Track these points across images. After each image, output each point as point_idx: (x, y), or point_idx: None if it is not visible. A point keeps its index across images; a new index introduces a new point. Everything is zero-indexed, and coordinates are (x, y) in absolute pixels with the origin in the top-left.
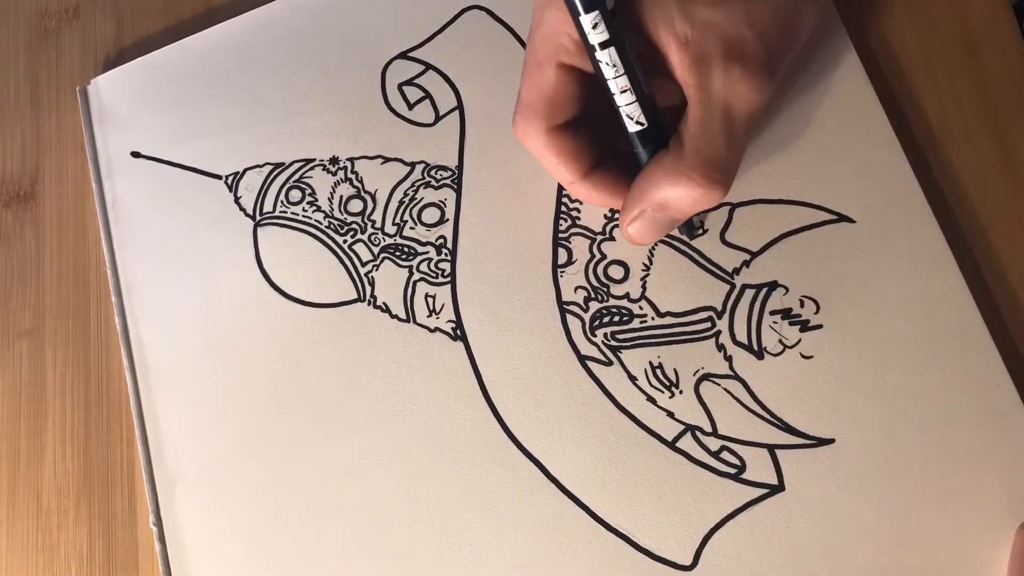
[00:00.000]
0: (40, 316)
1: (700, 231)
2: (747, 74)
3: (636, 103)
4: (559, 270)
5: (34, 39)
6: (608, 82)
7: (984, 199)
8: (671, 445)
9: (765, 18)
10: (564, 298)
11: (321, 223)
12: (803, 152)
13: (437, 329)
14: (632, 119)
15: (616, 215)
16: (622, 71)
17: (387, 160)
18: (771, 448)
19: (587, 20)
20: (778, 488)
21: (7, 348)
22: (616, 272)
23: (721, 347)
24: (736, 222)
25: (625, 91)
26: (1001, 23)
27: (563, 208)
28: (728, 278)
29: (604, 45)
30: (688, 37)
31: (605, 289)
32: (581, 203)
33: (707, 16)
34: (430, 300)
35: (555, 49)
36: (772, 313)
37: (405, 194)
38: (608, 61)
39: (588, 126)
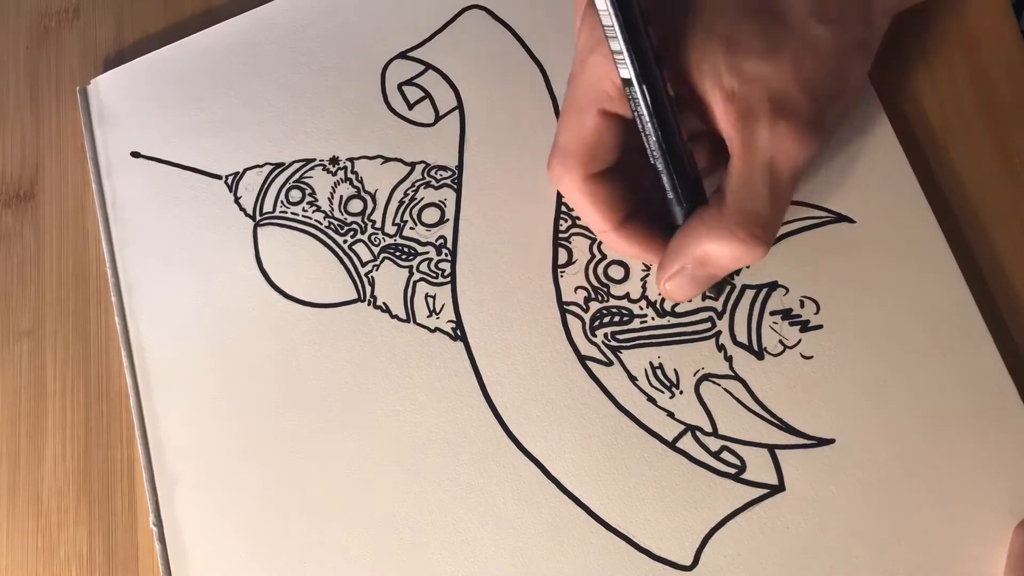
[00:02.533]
0: (40, 316)
1: (729, 287)
2: (793, 130)
3: (681, 157)
4: (559, 270)
5: (34, 39)
6: (649, 139)
7: (984, 199)
8: (671, 445)
9: (813, 74)
10: (564, 298)
11: (321, 223)
12: None
13: (437, 329)
14: (668, 174)
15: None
16: (660, 130)
17: (387, 160)
18: (771, 448)
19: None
20: (778, 488)
21: (7, 348)
22: (616, 272)
23: (721, 347)
24: None
25: (667, 147)
26: (1001, 23)
27: (563, 208)
28: (728, 278)
29: (645, 85)
30: (735, 91)
31: (605, 289)
32: None
33: (755, 70)
34: (430, 300)
35: (598, 96)
36: (772, 313)
37: (405, 194)
38: (647, 112)
39: (624, 175)
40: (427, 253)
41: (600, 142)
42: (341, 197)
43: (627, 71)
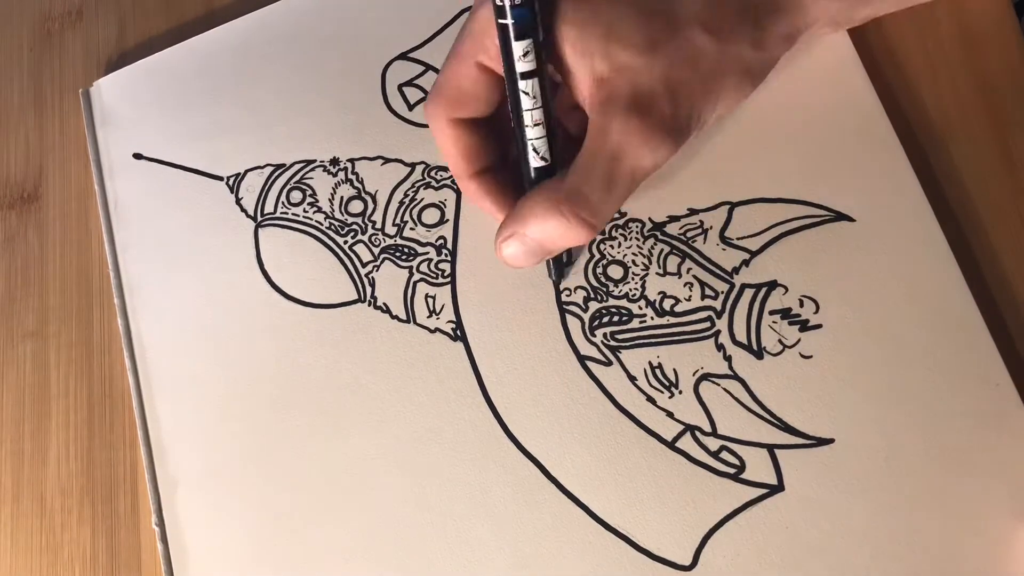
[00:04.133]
0: (44, 318)
1: (564, 275)
2: (645, 129)
3: (544, 138)
4: None
5: (37, 42)
6: (524, 113)
7: (984, 199)
8: (671, 445)
9: (686, 80)
10: (564, 298)
11: (322, 224)
12: (803, 151)
13: (437, 329)
14: (538, 154)
15: (614, 216)
16: (539, 104)
17: (387, 161)
18: (771, 448)
19: (519, 48)
20: (777, 488)
21: (11, 349)
22: (616, 272)
23: (720, 347)
24: (735, 221)
25: (538, 124)
26: (1001, 22)
27: None
28: (727, 277)
29: (528, 75)
30: (604, 77)
31: (605, 289)
32: None
33: (626, 61)
34: (430, 300)
35: (479, 48)
36: (771, 313)
37: (405, 195)
38: (529, 92)
39: (493, 131)
40: (427, 254)
41: (471, 91)
42: (342, 198)
43: (516, 46)
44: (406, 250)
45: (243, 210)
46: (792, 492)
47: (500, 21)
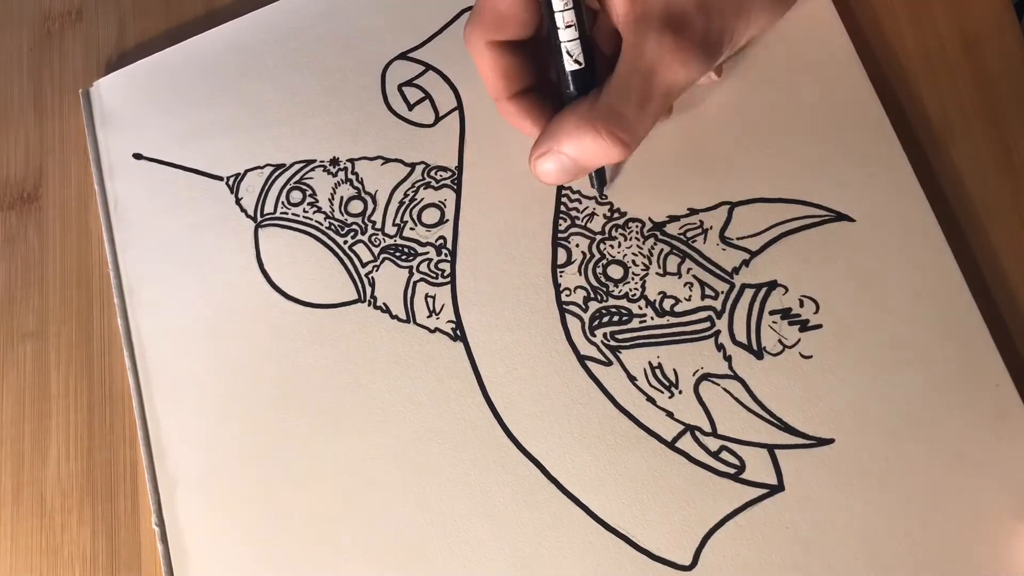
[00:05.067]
0: (44, 318)
1: (604, 193)
2: (679, 46)
3: (577, 40)
4: (559, 270)
5: (37, 42)
6: (555, 14)
7: (984, 199)
8: (670, 445)
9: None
10: (564, 298)
11: (322, 224)
12: (802, 151)
13: (437, 329)
14: (571, 56)
15: (614, 216)
16: (570, 5)
17: (387, 161)
18: (771, 448)
19: None
20: (777, 488)
21: (11, 350)
22: (615, 272)
23: (720, 347)
24: (735, 221)
25: (570, 26)
26: (1001, 22)
27: (563, 208)
28: (727, 277)
29: None
30: None
31: (605, 289)
32: (581, 203)
33: None
34: (430, 300)
35: None
36: (771, 313)
37: (405, 195)
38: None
39: (531, 54)
40: (427, 253)
41: (511, 12)
42: (342, 198)
43: None
44: (406, 250)
45: (243, 210)
46: (792, 492)
47: None
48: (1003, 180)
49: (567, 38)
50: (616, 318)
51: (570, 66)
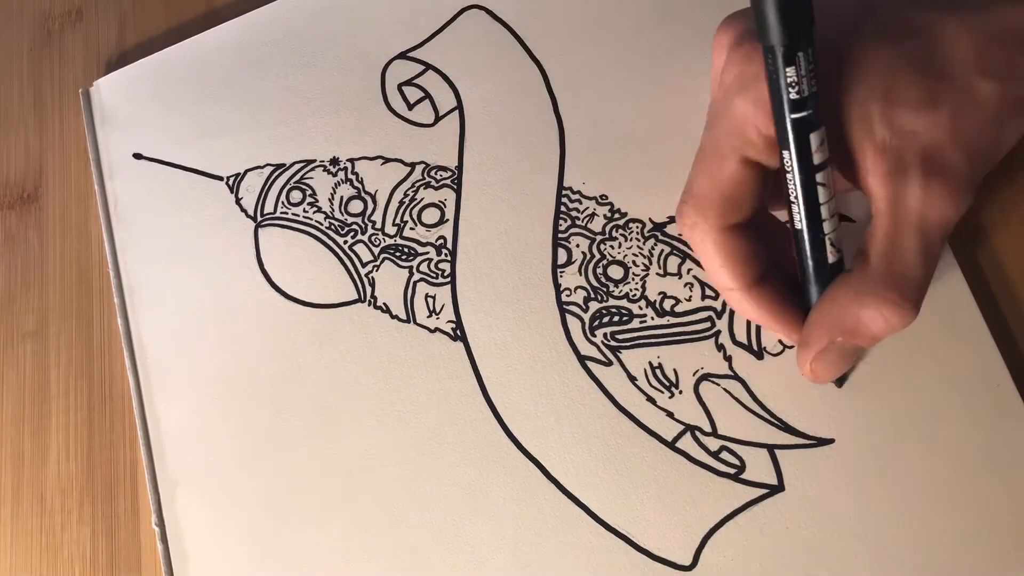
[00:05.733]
0: (44, 318)
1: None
2: (947, 190)
3: (838, 230)
4: (559, 270)
5: (37, 41)
6: (821, 206)
7: (984, 199)
8: (671, 445)
9: (971, 131)
10: (564, 298)
11: (322, 224)
12: None
13: (437, 329)
14: (835, 247)
15: (615, 217)
16: (832, 194)
17: (387, 161)
18: (771, 448)
19: (815, 139)
20: (778, 488)
21: (11, 350)
22: (616, 272)
23: (721, 347)
24: None
25: (834, 216)
26: None
27: (563, 208)
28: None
29: (822, 166)
30: (887, 143)
31: (605, 289)
32: (581, 203)
33: (910, 123)
34: (430, 300)
35: (742, 142)
36: None
37: (405, 194)
38: (826, 183)
39: (756, 231)
40: (427, 253)
41: (740, 192)
42: (341, 198)
43: (814, 136)
44: (406, 250)
45: (243, 210)
46: (792, 492)
47: (794, 116)
48: (1004, 180)
49: (830, 229)
50: (616, 318)
51: (833, 258)
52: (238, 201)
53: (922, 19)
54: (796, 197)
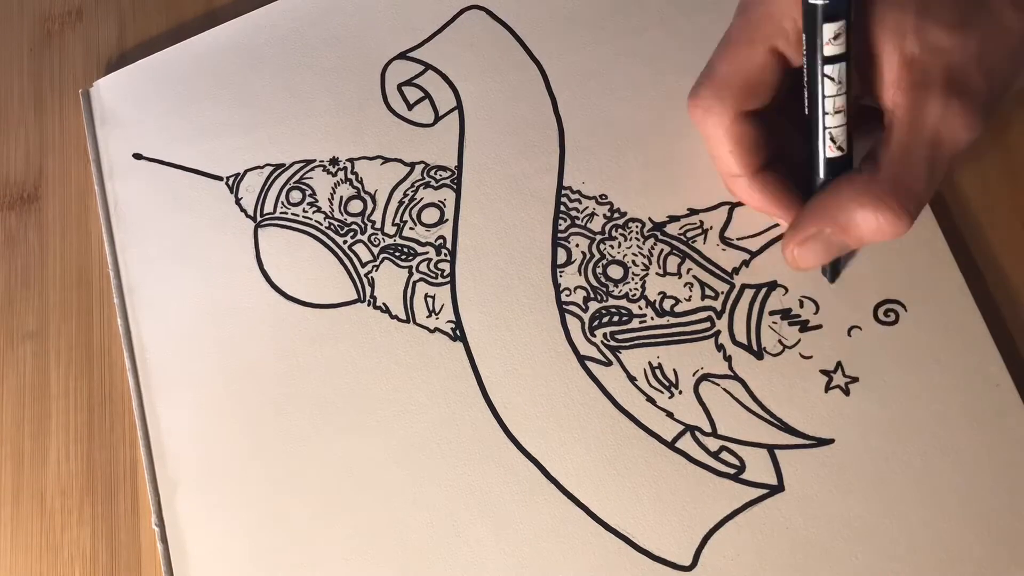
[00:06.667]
0: (44, 318)
1: (842, 268)
2: (965, 110)
3: (844, 127)
4: (558, 270)
5: (37, 42)
6: (825, 99)
7: (984, 199)
8: (670, 445)
9: (997, 58)
10: (563, 298)
11: (321, 224)
12: None
13: (437, 329)
14: (835, 143)
15: (614, 216)
16: (844, 90)
17: (387, 160)
18: (770, 448)
19: (830, 29)
20: (777, 488)
21: (12, 350)
22: (615, 272)
23: (720, 347)
24: (735, 221)
25: (839, 112)
26: None
27: (562, 208)
28: (727, 278)
29: (835, 59)
30: (915, 56)
31: (604, 289)
32: (580, 202)
33: (941, 41)
34: (430, 300)
35: (775, 31)
36: (771, 313)
37: (405, 194)
38: (835, 77)
39: (768, 120)
40: (426, 253)
41: (763, 80)
42: (341, 198)
43: (827, 28)
44: (405, 250)
45: (243, 210)
46: (792, 492)
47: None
48: (1003, 180)
49: (834, 124)
50: (616, 318)
51: (832, 153)
52: (238, 201)
53: None
54: (808, 84)
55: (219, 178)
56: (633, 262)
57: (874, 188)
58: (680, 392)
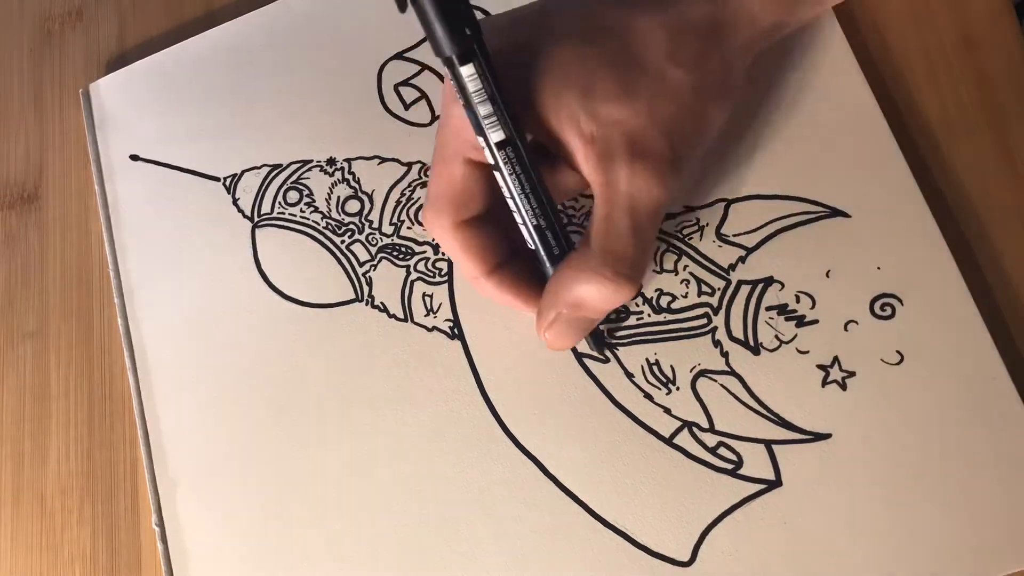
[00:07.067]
0: (44, 318)
1: (607, 346)
2: (651, 170)
3: (541, 212)
4: None
5: (37, 42)
6: (514, 195)
7: (984, 198)
8: (668, 441)
9: (670, 115)
10: None
11: (319, 224)
12: (798, 147)
13: (435, 328)
14: (531, 226)
15: None
16: (521, 171)
17: (384, 160)
18: (768, 443)
19: (467, 77)
20: (775, 483)
21: (12, 350)
22: None
23: (717, 343)
24: (731, 218)
25: (525, 194)
26: (1001, 22)
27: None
28: (724, 274)
29: (503, 145)
30: (594, 134)
31: None
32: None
33: (612, 113)
34: (427, 299)
35: (462, 145)
36: (768, 309)
37: (402, 194)
38: (515, 172)
39: (497, 222)
40: (424, 252)
41: (467, 190)
42: (338, 198)
43: (482, 138)
44: (403, 249)
45: (240, 210)
46: (790, 487)
47: (483, 114)
48: (1003, 180)
49: (528, 208)
50: (613, 315)
51: (533, 237)
52: (235, 202)
53: (611, 16)
54: (507, 191)
55: (216, 179)
56: None
57: (589, 262)
58: (677, 388)
